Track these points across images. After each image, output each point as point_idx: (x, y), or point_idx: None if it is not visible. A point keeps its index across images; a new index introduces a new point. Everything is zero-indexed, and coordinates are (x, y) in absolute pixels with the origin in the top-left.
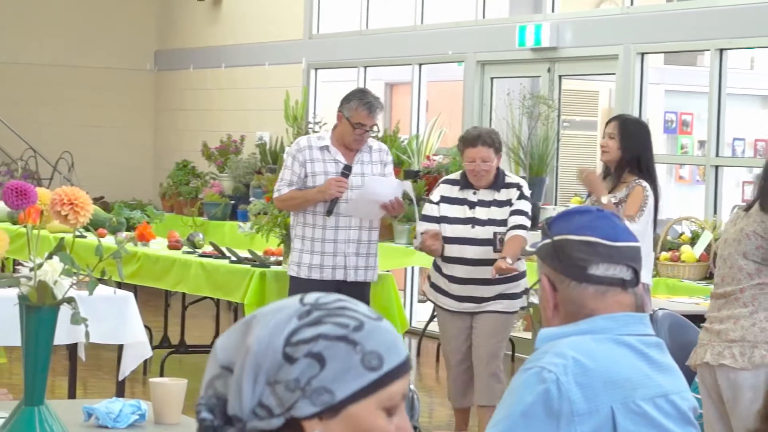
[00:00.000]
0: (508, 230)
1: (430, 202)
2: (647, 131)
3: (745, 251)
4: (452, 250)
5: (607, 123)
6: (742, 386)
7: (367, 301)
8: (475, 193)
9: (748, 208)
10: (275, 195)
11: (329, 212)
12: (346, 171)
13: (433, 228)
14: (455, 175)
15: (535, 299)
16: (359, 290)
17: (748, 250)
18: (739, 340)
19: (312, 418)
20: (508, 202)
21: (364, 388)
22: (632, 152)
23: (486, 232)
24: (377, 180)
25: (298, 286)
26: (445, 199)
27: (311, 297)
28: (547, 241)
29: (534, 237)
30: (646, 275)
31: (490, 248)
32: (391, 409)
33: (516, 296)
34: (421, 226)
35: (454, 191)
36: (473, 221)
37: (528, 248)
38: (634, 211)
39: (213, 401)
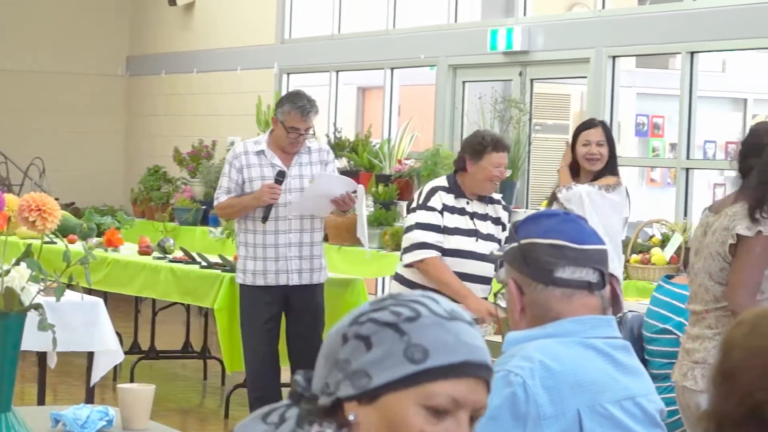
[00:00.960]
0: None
1: (430, 209)
2: None
3: (710, 272)
4: (450, 264)
5: (585, 129)
6: (701, 408)
7: (321, 305)
8: (468, 204)
9: (717, 210)
10: (215, 203)
11: (264, 219)
12: (280, 177)
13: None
14: (443, 181)
15: (503, 303)
16: (309, 294)
17: (713, 271)
18: (701, 362)
19: (351, 400)
20: (499, 220)
21: (400, 378)
22: (614, 156)
23: (487, 246)
24: (329, 176)
25: (247, 293)
26: (446, 208)
27: (409, 293)
28: (514, 244)
29: None
30: (618, 267)
31: (489, 265)
32: (436, 409)
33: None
34: (428, 236)
35: (451, 199)
36: (476, 234)
37: (495, 252)
38: (614, 181)
39: (311, 373)
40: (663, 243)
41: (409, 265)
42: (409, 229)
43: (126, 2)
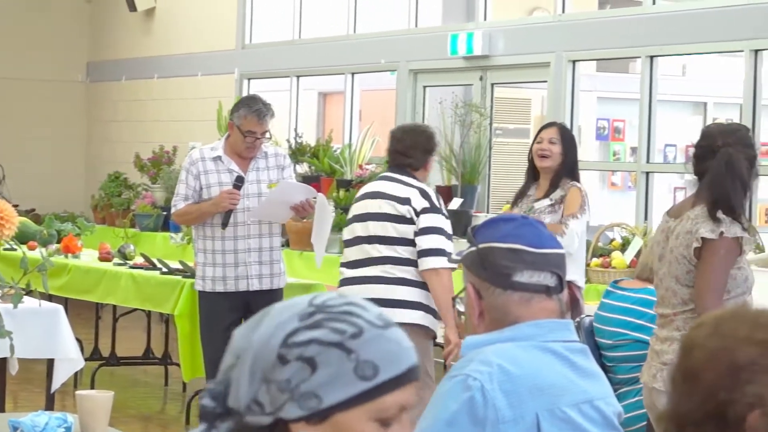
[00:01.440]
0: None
1: (446, 216)
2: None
3: (677, 275)
4: None
5: (543, 129)
6: None
7: None
8: None
9: (677, 215)
10: (172, 210)
11: (224, 225)
12: (238, 183)
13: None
14: (426, 184)
15: (461, 307)
16: (269, 299)
17: (680, 274)
18: (669, 364)
19: (298, 421)
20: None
21: (353, 397)
22: (571, 158)
23: None
24: (289, 183)
25: (206, 300)
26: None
27: (321, 298)
28: (472, 249)
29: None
30: (580, 278)
31: None
32: (385, 420)
33: None
34: (448, 246)
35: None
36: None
37: (453, 257)
38: (576, 209)
39: (219, 389)
40: (623, 246)
41: (429, 270)
42: (432, 231)
43: (86, 8)
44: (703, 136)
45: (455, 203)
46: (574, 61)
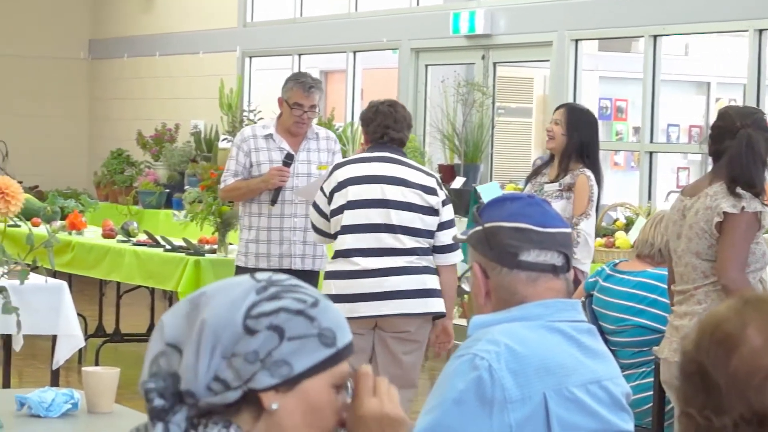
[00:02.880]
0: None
1: None
2: (594, 120)
3: (697, 251)
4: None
5: (555, 110)
6: None
7: None
8: None
9: (692, 193)
10: (220, 186)
11: (273, 201)
12: (288, 160)
13: None
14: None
15: (467, 287)
16: (309, 280)
17: (701, 249)
18: None
19: (269, 390)
20: None
21: (320, 362)
22: (577, 140)
23: None
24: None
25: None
26: None
27: (263, 274)
28: (478, 228)
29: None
30: (587, 262)
31: None
32: (338, 387)
33: None
34: None
35: None
36: None
37: (459, 236)
38: (584, 207)
39: (161, 384)
40: (627, 226)
41: (449, 265)
42: (452, 224)
43: None
44: (720, 117)
45: (458, 182)
46: (576, 40)
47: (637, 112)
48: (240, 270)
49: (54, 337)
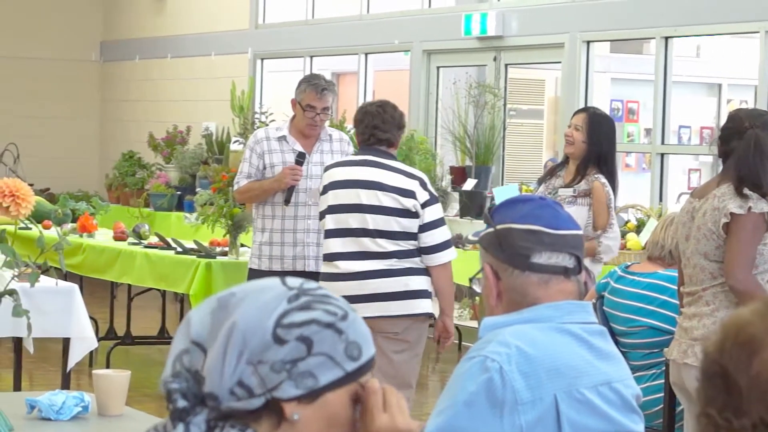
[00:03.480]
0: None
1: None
2: (614, 128)
3: (705, 252)
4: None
5: (575, 114)
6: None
7: None
8: None
9: (701, 195)
10: (234, 188)
11: (287, 201)
12: (300, 159)
13: None
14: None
15: (478, 288)
16: None
17: (709, 250)
18: (701, 339)
19: (293, 400)
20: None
21: (344, 376)
22: (597, 150)
23: None
24: None
25: (258, 278)
26: None
27: (294, 281)
28: (490, 229)
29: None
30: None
31: None
32: (356, 399)
33: None
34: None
35: None
36: None
37: (471, 237)
38: (605, 219)
39: (184, 384)
40: (638, 228)
41: (440, 265)
42: (438, 224)
43: None
44: (730, 119)
45: (469, 184)
46: (588, 42)
47: (649, 114)
48: (253, 273)
49: (65, 340)
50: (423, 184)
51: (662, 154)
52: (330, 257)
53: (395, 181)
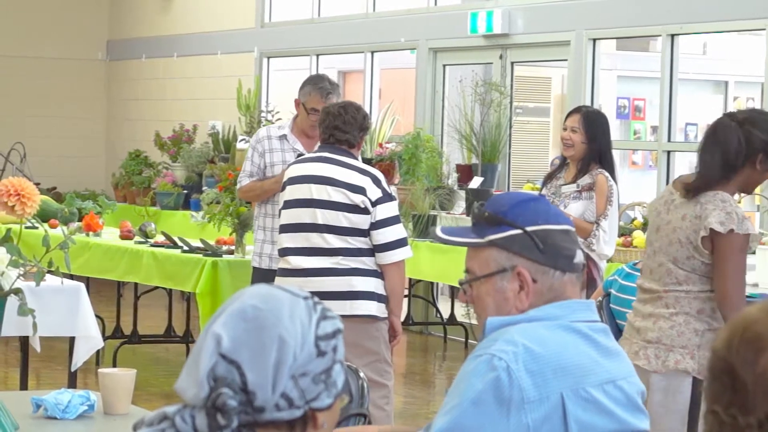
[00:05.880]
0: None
1: (395, 197)
2: (607, 123)
3: (675, 257)
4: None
5: (568, 116)
6: (652, 388)
7: None
8: None
9: (687, 192)
10: (237, 186)
11: None
12: None
13: None
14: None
15: (468, 292)
16: None
17: (679, 257)
18: (655, 342)
19: (326, 409)
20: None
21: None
22: (597, 148)
23: None
24: None
25: (260, 277)
26: None
27: (299, 290)
28: (517, 232)
29: None
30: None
31: None
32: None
33: None
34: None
35: None
36: None
37: (491, 237)
38: (604, 206)
39: (232, 391)
40: (645, 225)
41: (391, 264)
42: (391, 222)
43: None
44: (719, 120)
45: (476, 182)
46: (594, 40)
47: (655, 112)
48: (256, 271)
49: (71, 339)
50: (376, 182)
51: (668, 152)
52: (282, 252)
53: (346, 176)
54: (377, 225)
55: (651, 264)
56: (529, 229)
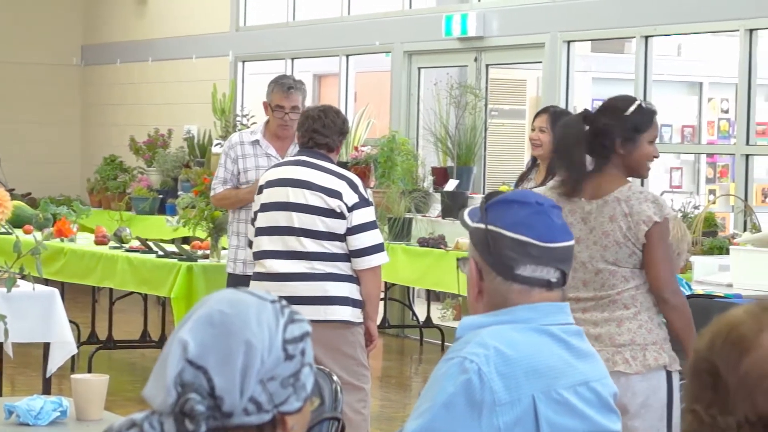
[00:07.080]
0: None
1: (371, 202)
2: None
3: (616, 259)
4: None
5: (536, 116)
6: (634, 390)
7: None
8: None
9: (595, 196)
10: (211, 194)
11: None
12: None
13: None
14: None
15: (465, 270)
16: None
17: (620, 257)
18: (628, 344)
19: (295, 413)
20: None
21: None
22: None
23: None
24: None
25: (235, 282)
26: None
27: (267, 294)
28: (482, 226)
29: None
30: None
31: None
32: None
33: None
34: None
35: None
36: None
37: (466, 219)
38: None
39: (200, 397)
40: None
41: (367, 269)
42: (368, 227)
43: None
44: (604, 108)
45: (451, 184)
46: (568, 42)
47: None
48: (230, 277)
49: (46, 345)
50: (353, 186)
51: None
52: (258, 255)
53: (323, 180)
54: (353, 230)
55: (583, 276)
56: (489, 227)
